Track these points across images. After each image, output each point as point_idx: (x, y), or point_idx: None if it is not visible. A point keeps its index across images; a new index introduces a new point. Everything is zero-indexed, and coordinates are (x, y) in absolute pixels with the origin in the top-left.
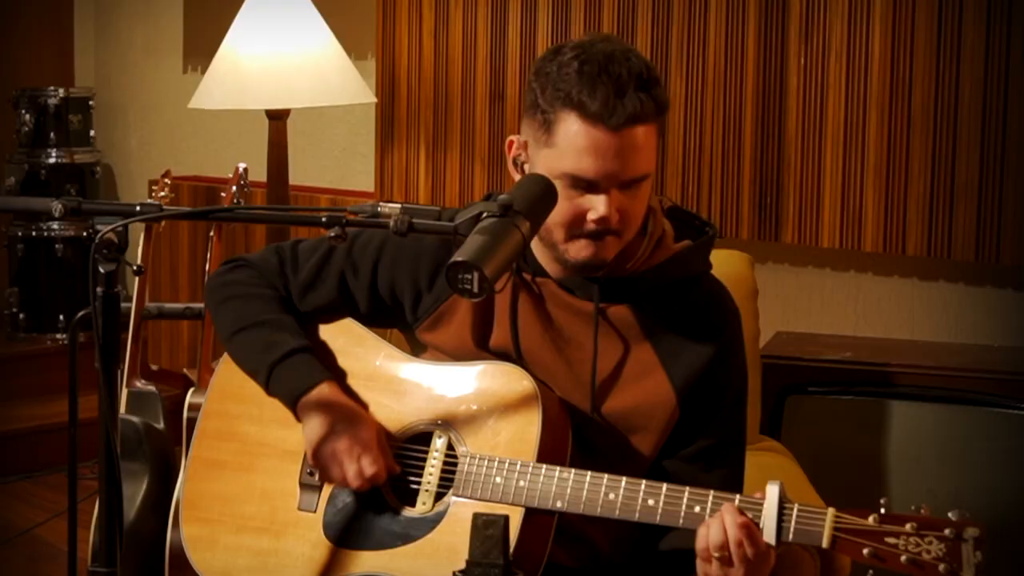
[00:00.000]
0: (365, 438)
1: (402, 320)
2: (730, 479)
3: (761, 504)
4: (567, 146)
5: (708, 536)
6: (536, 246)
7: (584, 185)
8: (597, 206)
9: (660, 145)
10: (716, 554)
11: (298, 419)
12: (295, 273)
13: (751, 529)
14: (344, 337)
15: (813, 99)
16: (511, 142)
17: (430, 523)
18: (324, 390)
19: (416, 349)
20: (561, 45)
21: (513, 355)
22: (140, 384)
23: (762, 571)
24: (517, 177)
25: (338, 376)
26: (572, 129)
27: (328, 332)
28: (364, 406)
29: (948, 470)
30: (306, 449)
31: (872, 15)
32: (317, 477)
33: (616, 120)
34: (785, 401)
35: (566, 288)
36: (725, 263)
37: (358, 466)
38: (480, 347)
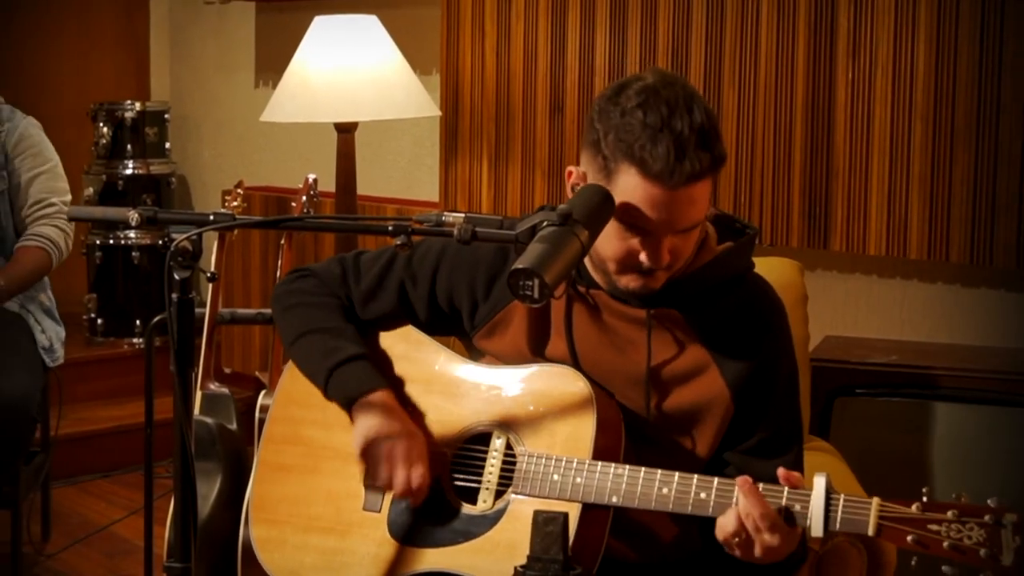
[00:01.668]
0: (418, 449)
1: (460, 328)
2: (790, 467)
3: (809, 495)
4: (626, 195)
5: (725, 525)
6: (587, 262)
7: (639, 230)
8: (650, 252)
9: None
10: (734, 540)
11: (352, 422)
12: (357, 283)
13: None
14: (404, 343)
15: (860, 112)
16: (570, 172)
17: (491, 520)
18: (379, 396)
19: (474, 356)
20: (624, 84)
21: (570, 363)
22: (213, 386)
23: (780, 544)
24: None
25: (398, 381)
26: (631, 183)
27: (389, 339)
28: (424, 410)
29: (989, 469)
30: (355, 446)
31: (917, 31)
32: (364, 475)
33: (675, 180)
34: (833, 402)
35: (617, 297)
36: (776, 270)
37: (407, 474)
38: (536, 355)
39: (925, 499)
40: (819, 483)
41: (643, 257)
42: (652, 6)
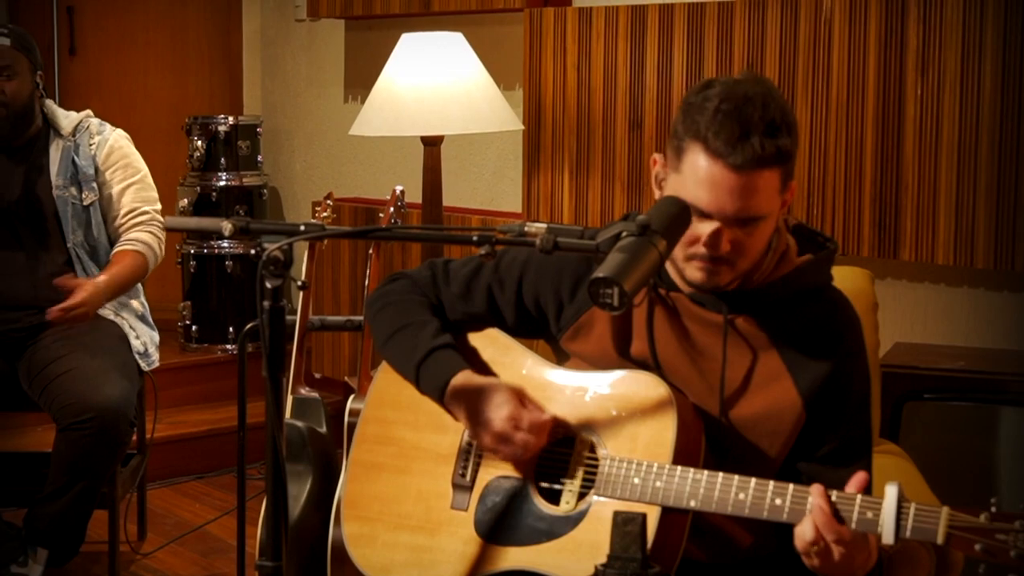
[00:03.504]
0: (514, 411)
1: (547, 331)
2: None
3: (880, 503)
4: (690, 175)
5: (803, 534)
6: (668, 263)
7: (700, 213)
8: (710, 237)
9: (784, 188)
10: (813, 549)
11: (448, 412)
12: (447, 285)
13: (830, 517)
14: (492, 348)
15: (928, 126)
16: (655, 160)
17: (573, 521)
18: (461, 378)
19: (560, 358)
20: (714, 79)
21: (651, 363)
22: (304, 391)
23: (855, 553)
24: (657, 191)
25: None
26: (696, 161)
27: (477, 343)
28: None
29: None
30: (467, 434)
31: (984, 48)
32: (468, 473)
33: (735, 159)
34: (903, 407)
35: (697, 301)
36: (847, 279)
37: (530, 427)
38: (621, 356)
39: (994, 509)
40: (891, 492)
41: (703, 242)
42: (728, 25)
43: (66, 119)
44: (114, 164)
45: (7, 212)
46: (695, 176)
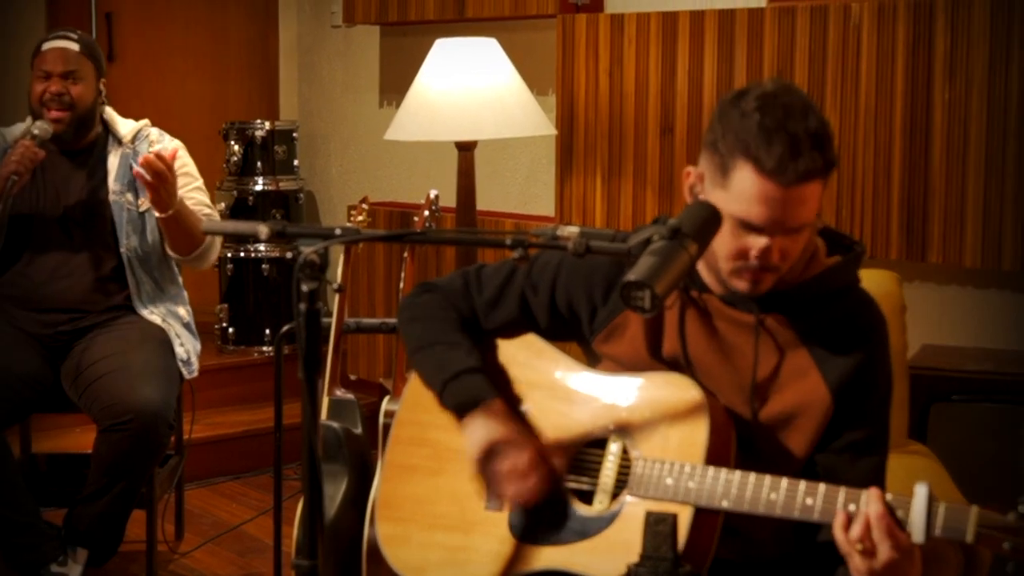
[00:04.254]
0: (529, 459)
1: (579, 333)
2: (875, 470)
3: (910, 502)
4: (740, 193)
5: (850, 528)
6: (700, 265)
7: (751, 228)
8: (761, 249)
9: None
10: (859, 547)
11: (464, 433)
12: (480, 293)
13: (889, 521)
14: (526, 351)
15: (956, 131)
16: (688, 172)
17: (606, 521)
18: (489, 408)
19: (592, 361)
20: (744, 90)
21: (682, 363)
22: (340, 392)
23: (905, 566)
24: (691, 201)
25: (521, 387)
26: (746, 179)
27: (511, 346)
28: (545, 414)
29: None
30: (470, 463)
31: (1011, 55)
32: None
33: (788, 178)
34: (930, 408)
35: (728, 302)
36: (876, 281)
37: (518, 488)
38: (653, 357)
39: (1021, 508)
40: (920, 491)
41: (754, 254)
42: (758, 32)
43: (125, 126)
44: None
45: (64, 215)
46: (746, 194)
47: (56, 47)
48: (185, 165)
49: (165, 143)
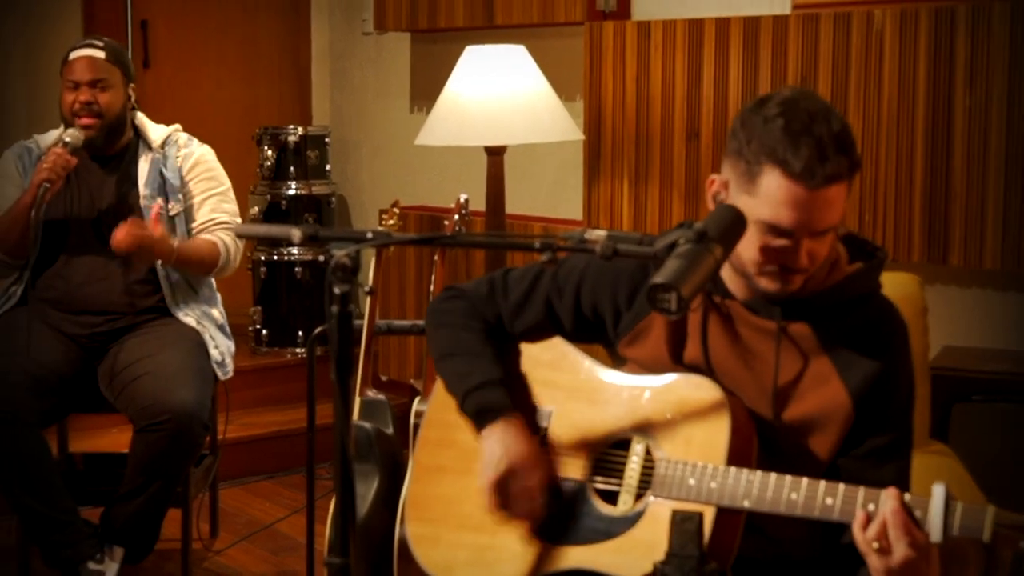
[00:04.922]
0: (535, 481)
1: (604, 336)
2: (899, 473)
3: (928, 503)
4: (768, 197)
5: (868, 528)
6: (724, 271)
7: (779, 231)
8: (790, 251)
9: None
10: (875, 545)
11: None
12: (505, 298)
13: (905, 518)
14: (551, 353)
15: (977, 136)
16: (712, 180)
17: (630, 521)
18: (504, 423)
19: (617, 364)
20: (765, 98)
21: (704, 368)
22: (371, 393)
23: (921, 566)
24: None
25: (546, 388)
26: (774, 184)
27: (537, 349)
28: (569, 416)
29: None
30: (482, 476)
31: None
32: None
33: (816, 181)
34: (952, 409)
35: (751, 308)
36: (898, 284)
37: (520, 510)
38: (675, 361)
39: None
40: (938, 491)
41: (782, 257)
42: (782, 38)
43: (156, 132)
44: (197, 176)
45: (98, 219)
46: (775, 198)
47: (83, 56)
48: (211, 170)
49: (193, 148)
